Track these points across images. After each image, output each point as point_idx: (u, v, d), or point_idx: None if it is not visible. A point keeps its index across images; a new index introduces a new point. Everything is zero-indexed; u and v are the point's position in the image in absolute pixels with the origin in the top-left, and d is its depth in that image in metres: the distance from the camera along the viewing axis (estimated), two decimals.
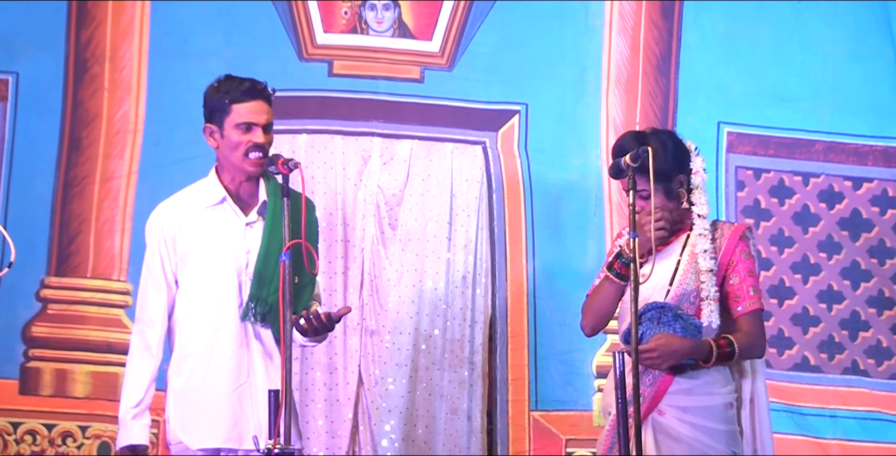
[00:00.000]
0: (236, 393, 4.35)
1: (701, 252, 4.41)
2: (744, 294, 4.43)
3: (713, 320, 4.38)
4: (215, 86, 4.43)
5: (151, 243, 4.47)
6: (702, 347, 4.34)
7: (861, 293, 5.90)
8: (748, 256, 4.45)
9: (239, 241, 4.40)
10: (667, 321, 4.34)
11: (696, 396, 4.35)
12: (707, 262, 4.40)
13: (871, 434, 5.82)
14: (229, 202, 4.43)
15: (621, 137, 4.57)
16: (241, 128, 4.37)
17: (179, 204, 4.49)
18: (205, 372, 4.38)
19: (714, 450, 4.33)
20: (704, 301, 4.39)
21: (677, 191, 4.44)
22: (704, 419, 4.35)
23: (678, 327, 4.34)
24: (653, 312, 4.36)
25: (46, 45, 5.65)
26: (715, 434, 4.35)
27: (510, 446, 5.66)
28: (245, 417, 4.34)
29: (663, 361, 4.31)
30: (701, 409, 4.35)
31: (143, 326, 4.45)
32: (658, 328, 4.34)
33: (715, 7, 5.87)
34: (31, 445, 5.57)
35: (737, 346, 4.35)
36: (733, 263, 4.43)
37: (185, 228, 4.42)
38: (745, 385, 4.45)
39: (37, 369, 5.59)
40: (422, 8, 5.80)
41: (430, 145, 5.76)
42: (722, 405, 4.38)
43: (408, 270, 5.67)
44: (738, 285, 4.43)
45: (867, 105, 5.91)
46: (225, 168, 4.45)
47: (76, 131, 5.66)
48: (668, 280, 4.42)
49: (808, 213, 5.92)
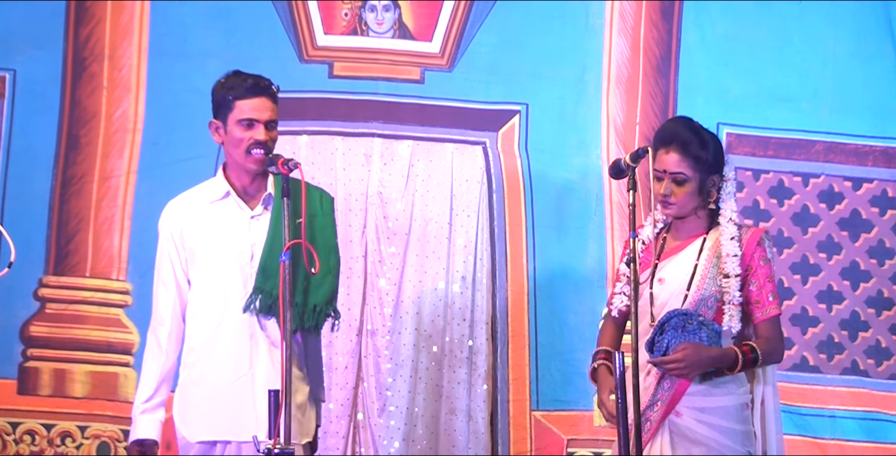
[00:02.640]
0: (235, 385, 4.34)
1: (729, 256, 4.37)
2: (763, 300, 4.40)
3: (734, 326, 4.35)
4: (222, 82, 4.43)
5: (161, 241, 4.49)
6: (728, 354, 4.32)
7: (860, 293, 5.90)
8: (766, 262, 4.42)
9: (244, 234, 4.40)
10: (692, 330, 4.31)
11: (714, 397, 4.33)
12: (735, 267, 4.37)
13: (871, 434, 5.82)
14: (234, 196, 4.43)
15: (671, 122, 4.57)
16: (243, 124, 4.37)
17: (186, 201, 4.50)
18: (206, 365, 4.38)
19: (731, 450, 4.32)
20: (727, 305, 4.36)
21: (709, 189, 4.40)
22: (721, 419, 4.34)
23: (703, 336, 4.32)
24: (676, 320, 4.33)
25: (45, 42, 5.65)
26: (732, 434, 4.34)
27: (511, 446, 5.66)
28: (244, 409, 4.32)
29: (690, 370, 4.29)
30: (718, 409, 4.34)
31: (154, 324, 4.47)
32: (683, 337, 4.31)
33: (715, 8, 5.86)
34: (30, 445, 5.57)
35: (760, 352, 4.34)
36: (752, 268, 4.40)
37: (191, 223, 4.43)
38: (756, 387, 4.44)
39: (35, 369, 5.59)
40: (422, 9, 5.80)
41: (431, 146, 5.76)
42: (738, 405, 4.37)
43: (408, 270, 5.67)
44: (758, 291, 4.40)
45: (867, 105, 5.90)
46: (230, 165, 4.45)
47: (74, 130, 5.66)
48: (685, 284, 4.39)
49: (807, 214, 5.92)
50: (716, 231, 4.43)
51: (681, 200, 4.38)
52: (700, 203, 4.42)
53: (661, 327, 4.32)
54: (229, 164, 4.46)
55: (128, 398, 5.58)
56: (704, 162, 4.36)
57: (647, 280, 4.40)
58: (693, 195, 4.38)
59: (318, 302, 4.38)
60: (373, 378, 5.63)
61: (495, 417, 5.69)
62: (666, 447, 4.33)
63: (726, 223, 4.40)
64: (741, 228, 4.44)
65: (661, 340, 4.32)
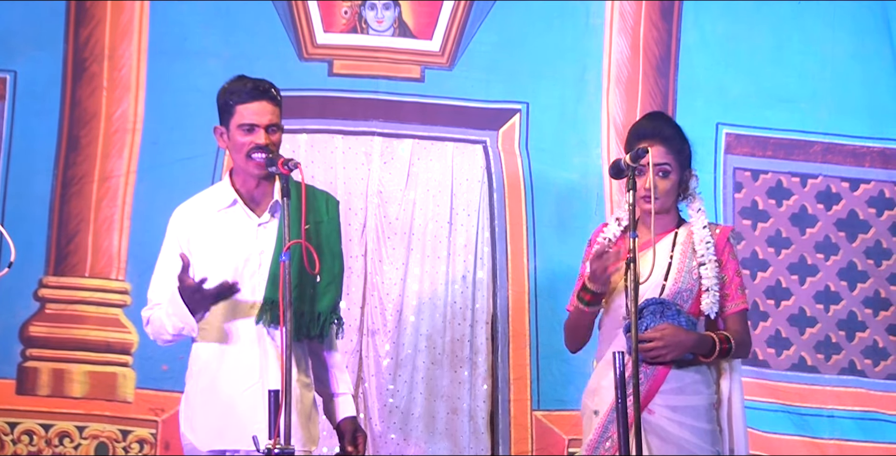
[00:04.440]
0: (246, 394, 4.32)
1: (702, 243, 4.42)
2: (733, 293, 4.45)
3: (713, 311, 4.39)
4: (225, 87, 4.41)
5: (166, 243, 4.44)
6: (705, 340, 4.36)
7: (858, 294, 5.90)
8: (735, 257, 4.49)
9: (251, 242, 4.37)
10: (671, 315, 4.34)
11: (686, 396, 4.35)
12: (711, 254, 4.42)
13: (869, 434, 5.83)
14: (241, 204, 4.41)
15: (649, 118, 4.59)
16: (244, 129, 4.35)
17: (195, 208, 4.46)
18: (215, 373, 4.36)
19: (701, 449, 4.34)
20: (706, 292, 4.39)
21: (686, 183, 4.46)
22: (692, 418, 4.36)
23: (682, 321, 4.34)
24: (654, 306, 4.36)
25: (45, 43, 5.65)
26: (702, 433, 4.36)
27: (512, 446, 5.65)
28: (254, 418, 4.28)
29: (669, 351, 4.30)
30: (689, 408, 4.35)
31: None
32: (662, 321, 4.34)
33: (714, 8, 5.88)
34: (28, 445, 5.56)
35: (733, 343, 4.38)
36: (723, 262, 4.45)
37: (199, 231, 4.39)
38: (723, 384, 4.46)
39: (34, 369, 5.58)
40: (422, 7, 5.80)
41: (431, 145, 5.76)
42: (708, 405, 4.40)
43: (408, 269, 5.67)
44: (728, 285, 4.45)
45: (865, 106, 5.92)
46: (236, 170, 4.44)
47: (74, 130, 5.65)
48: (661, 277, 4.42)
49: (805, 215, 5.93)
50: (685, 227, 4.49)
51: (663, 194, 4.42)
52: (676, 198, 4.47)
53: (640, 313, 4.33)
54: (235, 169, 4.45)
55: (126, 398, 5.58)
56: (685, 156, 4.44)
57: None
58: (674, 189, 4.44)
59: (322, 310, 4.37)
60: (373, 378, 5.62)
61: (496, 416, 5.68)
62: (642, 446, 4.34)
63: (696, 214, 4.45)
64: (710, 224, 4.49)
65: (639, 324, 4.32)
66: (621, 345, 4.36)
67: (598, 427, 4.41)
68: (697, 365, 4.39)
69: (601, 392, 4.42)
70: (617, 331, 4.43)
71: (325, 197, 4.51)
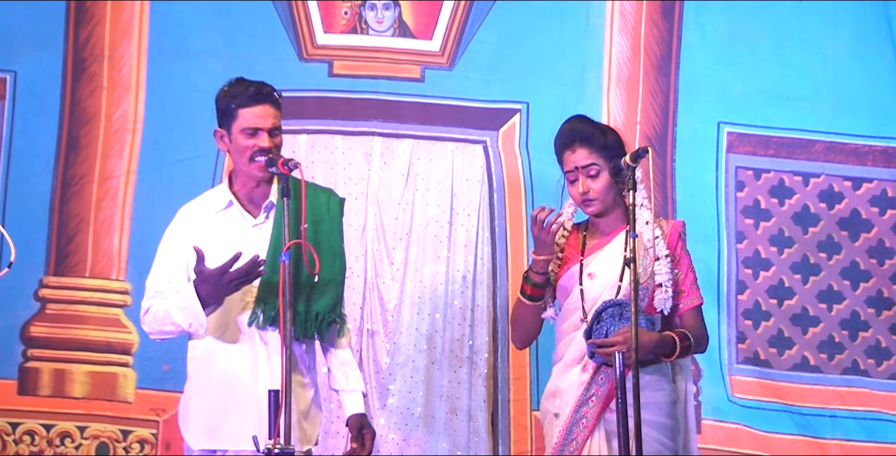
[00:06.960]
0: (238, 395, 4.32)
1: (652, 239, 4.41)
2: (687, 289, 4.47)
3: (667, 307, 4.40)
4: (225, 90, 4.41)
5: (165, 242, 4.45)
6: (666, 340, 4.36)
7: (860, 293, 5.89)
8: (687, 252, 4.50)
9: (246, 243, 4.36)
10: (629, 317, 4.30)
11: (648, 392, 4.32)
12: (663, 248, 4.42)
13: (871, 434, 5.81)
14: (237, 206, 4.41)
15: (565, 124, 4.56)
16: (247, 132, 4.35)
17: (195, 210, 4.46)
18: (208, 373, 4.37)
19: (663, 444, 4.37)
20: (660, 287, 4.39)
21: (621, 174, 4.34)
22: (655, 415, 4.37)
23: (642, 322, 4.33)
24: (613, 309, 4.36)
25: (45, 43, 5.66)
26: (664, 429, 4.39)
27: (512, 446, 5.65)
28: (245, 418, 4.30)
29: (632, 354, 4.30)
30: (651, 405, 4.35)
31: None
32: (621, 324, 4.32)
33: (715, 7, 5.86)
34: (30, 445, 5.57)
35: (692, 340, 4.39)
36: (676, 257, 4.46)
37: (196, 233, 4.38)
38: (679, 382, 4.48)
39: (35, 369, 5.59)
40: (422, 7, 5.80)
41: (431, 145, 5.76)
42: (669, 401, 4.42)
43: (408, 269, 5.67)
44: (682, 280, 4.46)
45: (867, 105, 5.90)
46: (237, 172, 4.44)
47: (74, 130, 5.66)
48: (617, 277, 4.41)
49: (807, 214, 5.91)
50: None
51: (600, 194, 4.43)
52: (617, 194, 4.46)
53: (598, 316, 4.34)
54: (236, 171, 4.45)
55: (127, 398, 5.59)
56: (609, 148, 4.44)
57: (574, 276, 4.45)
58: (609, 186, 4.43)
59: (319, 310, 4.38)
60: (373, 378, 5.62)
61: (496, 416, 5.68)
62: (603, 446, 4.36)
63: (639, 209, 4.37)
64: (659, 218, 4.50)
65: (599, 329, 4.34)
66: (579, 347, 4.39)
67: (561, 430, 4.43)
68: (657, 363, 4.41)
69: (562, 395, 4.44)
70: (573, 333, 4.44)
71: (327, 195, 4.51)
